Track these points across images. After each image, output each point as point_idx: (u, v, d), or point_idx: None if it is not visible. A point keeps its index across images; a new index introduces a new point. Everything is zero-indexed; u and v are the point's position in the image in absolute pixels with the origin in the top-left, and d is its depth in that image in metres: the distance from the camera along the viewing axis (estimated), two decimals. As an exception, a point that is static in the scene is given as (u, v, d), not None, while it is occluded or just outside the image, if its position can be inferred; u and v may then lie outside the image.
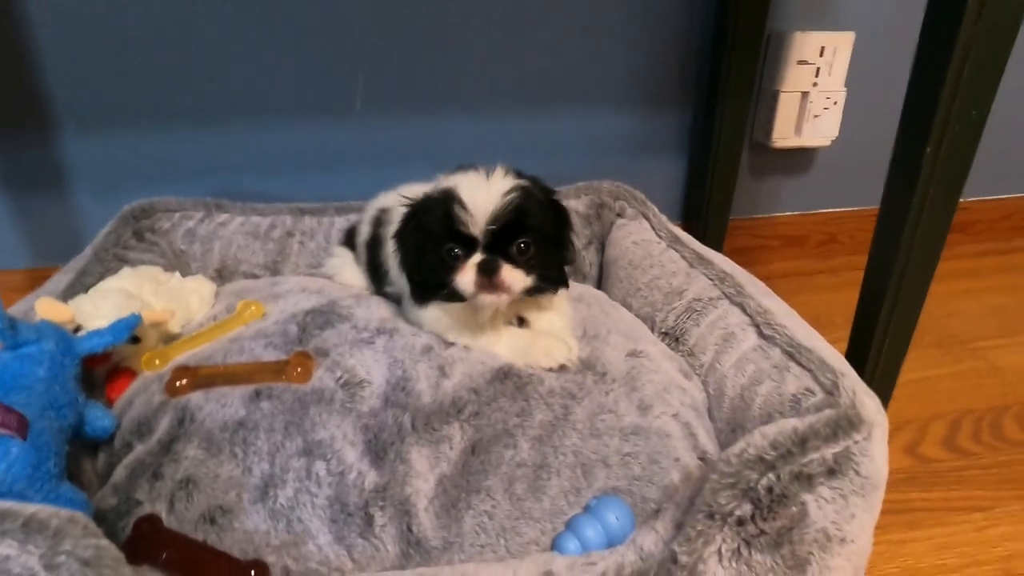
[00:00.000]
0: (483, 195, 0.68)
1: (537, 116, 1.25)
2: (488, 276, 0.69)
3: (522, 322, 0.82)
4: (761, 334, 0.78)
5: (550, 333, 0.79)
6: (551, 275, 0.75)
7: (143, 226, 1.01)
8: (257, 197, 1.12)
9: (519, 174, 0.73)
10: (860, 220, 1.53)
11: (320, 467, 0.64)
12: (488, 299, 0.70)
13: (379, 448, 0.66)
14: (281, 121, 1.15)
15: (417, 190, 0.84)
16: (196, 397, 0.69)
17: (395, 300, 0.88)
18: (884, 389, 0.92)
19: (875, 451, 0.55)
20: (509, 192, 0.69)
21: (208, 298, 0.90)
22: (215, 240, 1.05)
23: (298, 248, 1.07)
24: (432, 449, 0.67)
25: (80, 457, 0.64)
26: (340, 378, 0.72)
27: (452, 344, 0.78)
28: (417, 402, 0.70)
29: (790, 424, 0.57)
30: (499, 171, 0.71)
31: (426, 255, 0.73)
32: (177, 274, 0.91)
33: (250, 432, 0.66)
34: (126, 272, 0.85)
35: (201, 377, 0.71)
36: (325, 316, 0.82)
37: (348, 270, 0.97)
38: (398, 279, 0.82)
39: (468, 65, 1.18)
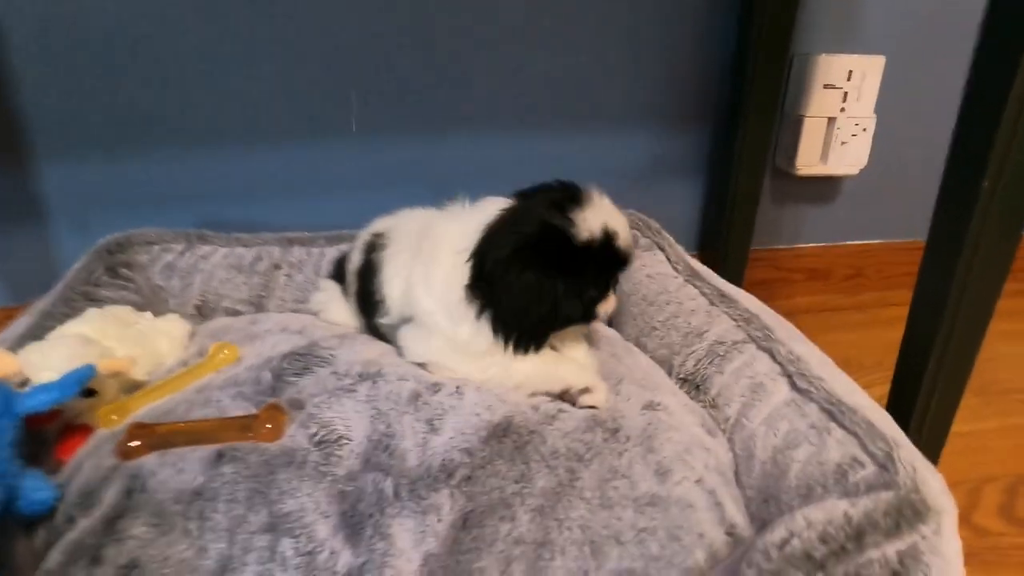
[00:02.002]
0: (618, 219, 0.69)
1: (543, 138, 1.18)
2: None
3: None
4: (794, 386, 0.69)
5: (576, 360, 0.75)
6: None
7: (118, 260, 0.94)
8: (245, 227, 1.05)
9: None
10: (889, 253, 1.43)
11: (287, 546, 0.55)
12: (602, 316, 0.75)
13: (356, 521, 0.58)
14: (270, 146, 1.08)
15: (417, 216, 0.80)
16: (150, 460, 0.61)
17: (383, 334, 0.80)
18: (932, 448, 0.82)
19: (946, 548, 0.45)
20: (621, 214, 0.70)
21: (181, 340, 0.83)
22: (195, 274, 0.97)
23: (284, 281, 1.00)
24: (417, 522, 0.58)
25: (13, 536, 0.56)
26: (315, 435, 0.64)
27: (440, 389, 0.69)
28: (401, 464, 0.62)
29: (840, 509, 0.48)
30: (605, 197, 0.71)
31: (569, 299, 0.69)
32: (148, 314, 0.84)
33: (208, 503, 0.57)
34: (90, 314, 0.77)
35: (159, 436, 0.63)
36: (303, 360, 0.73)
37: (335, 306, 0.89)
38: (403, 311, 0.75)
39: (469, 84, 1.12)
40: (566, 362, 0.73)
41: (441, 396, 0.69)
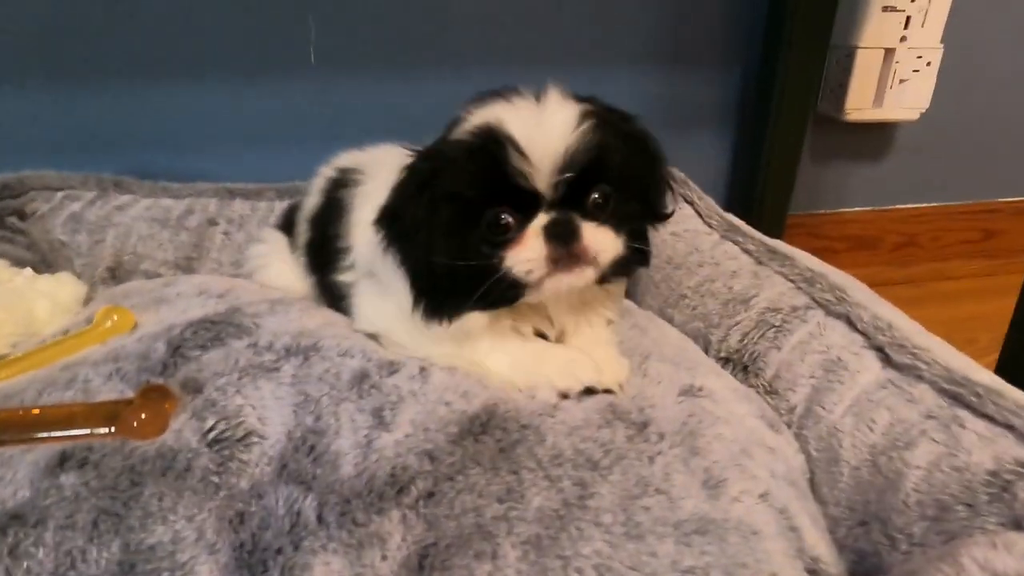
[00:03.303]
0: (545, 130, 0.47)
1: (540, 76, 0.97)
2: (565, 244, 0.47)
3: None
4: (889, 361, 0.53)
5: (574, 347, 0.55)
6: (637, 238, 0.52)
7: (6, 208, 0.76)
8: (179, 177, 0.86)
9: (578, 96, 0.52)
10: (947, 219, 1.25)
11: (145, 597, 0.36)
12: (564, 282, 0.48)
13: (257, 559, 0.39)
14: (211, 80, 0.91)
15: (402, 153, 0.62)
16: (-38, 463, 0.42)
17: (338, 298, 0.63)
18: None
19: None
20: (582, 121, 0.48)
21: (69, 304, 0.65)
22: (109, 228, 0.79)
23: (221, 241, 0.81)
24: (350, 560, 0.40)
25: None
26: (211, 430, 0.44)
27: (398, 369, 0.50)
28: (331, 474, 0.43)
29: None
30: (553, 93, 0.50)
31: (452, 236, 0.48)
32: (27, 271, 0.65)
33: (30, 532, 0.39)
34: (-64, 266, 0.58)
35: (-15, 428, 0.44)
36: (215, 330, 0.54)
37: (276, 263, 0.71)
38: (371, 261, 0.57)
39: (451, 10, 0.95)
40: (559, 354, 0.53)
41: (398, 379, 0.50)
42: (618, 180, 0.50)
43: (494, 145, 0.46)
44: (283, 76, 0.92)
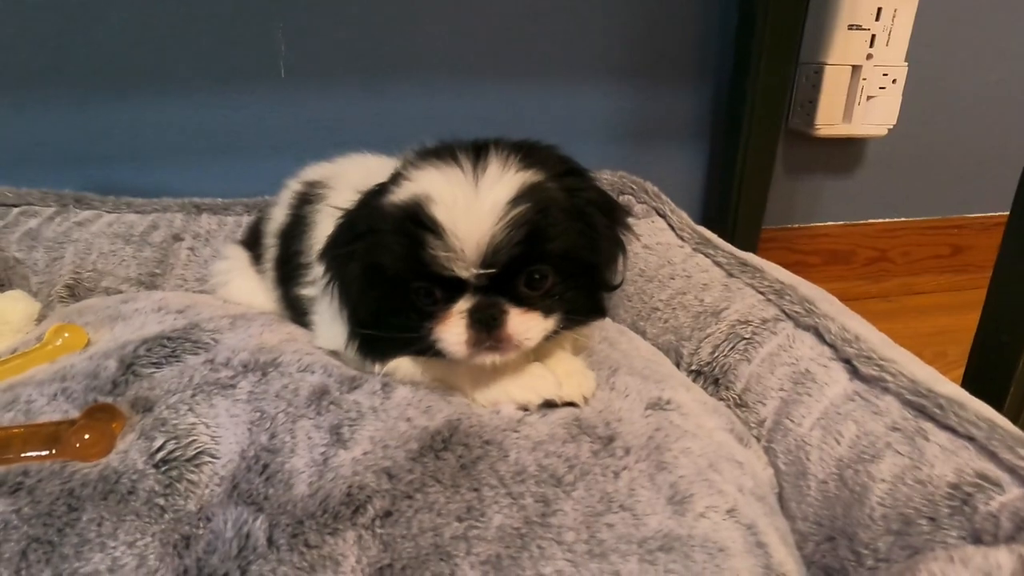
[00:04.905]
0: (472, 215, 0.44)
1: (514, 90, 1.01)
2: (487, 330, 0.46)
3: None
4: (856, 373, 0.52)
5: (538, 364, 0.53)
6: (583, 307, 0.51)
7: None
8: (142, 191, 0.84)
9: (525, 152, 0.49)
10: (915, 234, 1.27)
11: (78, 630, 0.34)
12: (489, 359, 0.47)
13: None
14: (178, 93, 0.90)
15: (370, 162, 0.62)
16: None
17: (302, 312, 0.62)
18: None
19: None
20: (515, 203, 0.45)
21: (19, 323, 0.63)
22: (68, 245, 0.77)
23: (187, 256, 0.79)
24: None
25: None
26: (159, 450, 0.43)
27: (359, 384, 0.49)
28: (284, 494, 0.41)
29: (1003, 564, 0.28)
30: (493, 162, 0.46)
31: (382, 299, 0.48)
32: (-24, 288, 0.62)
33: None
34: None
35: (-82, 451, 0.41)
36: (172, 346, 0.53)
37: (237, 279, 0.70)
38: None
39: (421, 21, 0.94)
40: (519, 369, 0.52)
41: (359, 394, 0.49)
42: (558, 259, 0.48)
43: (418, 227, 0.44)
44: (252, 89, 0.90)
